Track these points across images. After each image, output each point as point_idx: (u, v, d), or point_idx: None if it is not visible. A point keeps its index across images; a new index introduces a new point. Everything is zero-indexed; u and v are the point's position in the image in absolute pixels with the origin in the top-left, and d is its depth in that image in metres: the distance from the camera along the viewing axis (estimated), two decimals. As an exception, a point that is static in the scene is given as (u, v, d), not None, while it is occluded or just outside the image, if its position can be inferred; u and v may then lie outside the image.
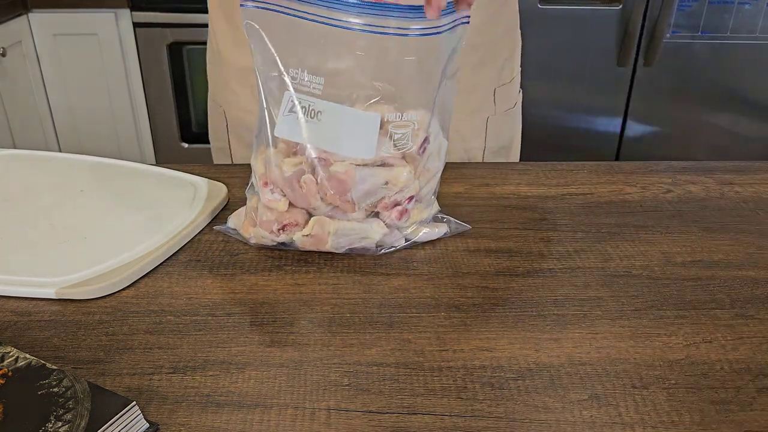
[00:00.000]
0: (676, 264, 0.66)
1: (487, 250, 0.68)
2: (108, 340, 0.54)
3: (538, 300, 0.60)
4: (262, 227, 0.64)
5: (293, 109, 0.60)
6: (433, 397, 0.48)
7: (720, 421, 0.47)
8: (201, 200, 0.74)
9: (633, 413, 0.47)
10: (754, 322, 0.57)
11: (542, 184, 0.83)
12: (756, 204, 0.78)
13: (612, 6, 1.78)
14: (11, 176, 0.80)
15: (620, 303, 0.59)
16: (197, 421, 0.46)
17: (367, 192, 0.61)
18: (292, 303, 0.59)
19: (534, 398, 0.48)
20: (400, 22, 0.56)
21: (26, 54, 2.06)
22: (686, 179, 0.84)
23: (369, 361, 0.52)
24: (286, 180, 0.62)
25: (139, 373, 0.51)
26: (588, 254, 0.67)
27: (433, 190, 0.68)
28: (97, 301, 0.59)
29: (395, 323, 0.56)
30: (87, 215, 0.71)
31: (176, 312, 0.58)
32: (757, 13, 1.80)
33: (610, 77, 1.88)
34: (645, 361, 0.52)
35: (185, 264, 0.65)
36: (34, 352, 0.52)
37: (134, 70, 2.16)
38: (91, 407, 0.42)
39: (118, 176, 0.81)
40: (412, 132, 0.61)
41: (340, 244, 0.64)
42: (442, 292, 0.61)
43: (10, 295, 0.60)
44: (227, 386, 0.49)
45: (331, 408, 0.47)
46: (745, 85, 1.91)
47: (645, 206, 0.77)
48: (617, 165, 0.88)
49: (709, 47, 1.84)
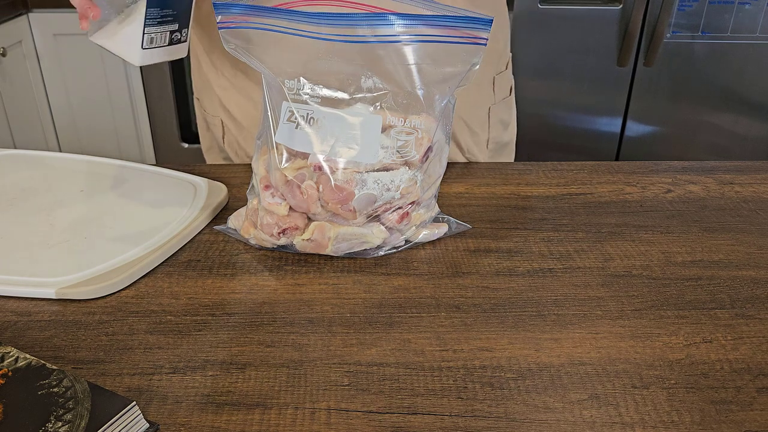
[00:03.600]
0: (676, 264, 0.66)
1: (487, 250, 0.68)
2: (108, 340, 0.54)
3: (538, 300, 0.60)
4: (262, 230, 0.64)
5: (292, 118, 0.60)
6: (433, 397, 0.48)
7: (720, 421, 0.47)
8: (201, 200, 0.74)
9: (633, 413, 0.47)
10: (754, 322, 0.57)
11: (542, 184, 0.83)
12: (756, 204, 0.78)
13: (612, 6, 1.78)
14: (11, 176, 0.81)
15: (620, 303, 0.59)
16: (197, 421, 0.46)
17: (369, 199, 0.61)
18: (292, 303, 0.59)
19: (534, 398, 0.48)
20: (366, 30, 0.56)
21: (26, 54, 2.06)
22: (686, 179, 0.84)
23: (369, 361, 0.52)
24: (286, 185, 0.61)
25: (139, 373, 0.51)
26: (588, 254, 0.67)
27: (434, 194, 0.68)
28: (97, 301, 0.59)
29: (395, 323, 0.56)
30: (87, 215, 0.71)
31: (176, 312, 0.58)
32: (757, 13, 1.80)
33: (610, 77, 1.88)
34: (645, 361, 0.52)
35: (185, 264, 0.65)
36: (34, 352, 0.52)
37: (134, 70, 2.16)
38: (91, 407, 0.42)
39: (118, 176, 0.81)
40: (416, 140, 0.61)
41: (340, 248, 0.64)
42: (442, 292, 0.61)
43: (10, 295, 0.60)
44: (227, 386, 0.49)
45: (331, 408, 0.47)
46: (745, 85, 1.90)
47: (645, 206, 0.77)
48: (617, 165, 0.88)
49: (709, 47, 1.84)
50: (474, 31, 0.57)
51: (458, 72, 0.60)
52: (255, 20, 0.59)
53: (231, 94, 0.87)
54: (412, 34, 0.57)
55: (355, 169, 0.60)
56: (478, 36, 0.58)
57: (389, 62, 0.58)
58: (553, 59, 1.86)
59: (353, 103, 0.60)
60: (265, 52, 0.60)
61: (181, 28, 0.70)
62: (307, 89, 0.60)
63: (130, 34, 0.66)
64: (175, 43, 0.70)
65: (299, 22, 0.57)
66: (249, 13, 0.59)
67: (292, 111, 0.60)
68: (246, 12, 0.59)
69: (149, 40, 0.67)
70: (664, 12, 1.74)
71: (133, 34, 0.66)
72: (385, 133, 0.60)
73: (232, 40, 0.61)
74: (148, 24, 0.66)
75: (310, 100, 0.60)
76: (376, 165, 0.60)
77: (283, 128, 0.61)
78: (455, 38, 0.57)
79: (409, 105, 0.60)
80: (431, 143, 0.62)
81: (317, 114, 0.60)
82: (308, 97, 0.60)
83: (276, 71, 0.60)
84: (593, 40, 1.83)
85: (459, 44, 0.58)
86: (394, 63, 0.58)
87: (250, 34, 0.60)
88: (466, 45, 0.58)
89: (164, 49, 0.69)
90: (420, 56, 0.58)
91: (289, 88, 0.60)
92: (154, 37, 0.67)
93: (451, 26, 0.57)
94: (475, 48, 0.58)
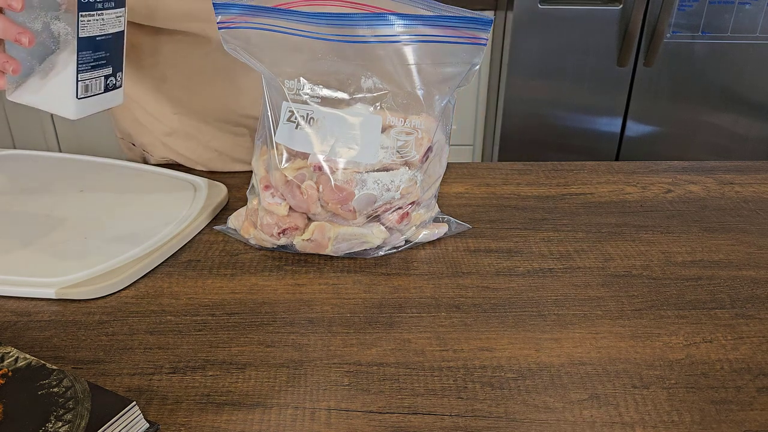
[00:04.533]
0: (676, 264, 0.66)
1: (487, 250, 0.68)
2: (108, 340, 0.54)
3: (538, 300, 0.60)
4: (262, 230, 0.64)
5: (292, 118, 0.60)
6: (433, 397, 0.48)
7: (720, 421, 0.47)
8: (201, 200, 0.74)
9: (633, 413, 0.47)
10: (754, 322, 0.57)
11: (542, 184, 0.83)
12: (756, 204, 0.78)
13: (612, 6, 1.78)
14: (11, 176, 0.80)
15: (620, 303, 0.59)
16: (197, 421, 0.46)
17: (369, 200, 0.61)
18: (292, 303, 0.59)
19: (534, 398, 0.48)
20: (366, 30, 0.56)
21: (26, 54, 2.06)
22: (686, 179, 0.84)
23: (369, 361, 0.52)
24: (286, 185, 0.61)
25: (139, 373, 0.51)
26: (588, 254, 0.67)
27: (434, 194, 0.68)
28: (97, 301, 0.59)
29: (395, 323, 0.56)
30: (87, 215, 0.71)
31: (176, 312, 0.58)
32: (757, 13, 1.80)
33: (610, 77, 1.88)
34: (645, 361, 0.52)
35: (185, 264, 0.65)
36: (34, 352, 0.52)
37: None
38: (91, 407, 0.42)
39: (118, 176, 0.81)
40: (416, 140, 0.61)
41: (340, 248, 0.64)
42: (442, 292, 0.61)
43: (10, 295, 0.60)
44: (227, 386, 0.49)
45: (331, 408, 0.47)
46: (745, 85, 1.90)
47: (645, 206, 0.77)
48: (617, 165, 0.88)
49: (709, 47, 1.84)
50: (474, 32, 0.57)
51: (458, 72, 0.60)
52: (255, 20, 0.59)
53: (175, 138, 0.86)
54: (411, 34, 0.57)
55: (355, 169, 0.60)
56: (478, 36, 0.58)
57: (389, 62, 0.58)
58: (553, 59, 1.85)
59: (353, 103, 0.60)
60: (264, 52, 0.60)
61: (115, 72, 0.62)
62: (307, 89, 0.60)
63: (61, 84, 0.58)
64: (111, 89, 0.62)
65: (299, 22, 0.57)
66: (249, 13, 0.59)
67: (292, 111, 0.60)
68: (246, 12, 0.59)
69: (84, 88, 0.59)
70: (664, 12, 1.74)
71: (64, 84, 0.58)
72: (385, 133, 0.60)
73: (232, 40, 0.61)
74: (81, 70, 0.58)
75: (310, 100, 0.60)
76: (376, 165, 0.60)
77: (283, 128, 0.61)
78: (455, 38, 0.57)
79: (409, 105, 0.60)
80: (431, 143, 0.62)
81: (317, 114, 0.60)
82: (308, 97, 0.60)
83: (276, 71, 0.60)
84: (593, 40, 1.82)
85: (459, 44, 0.58)
86: (394, 63, 0.58)
87: (250, 34, 0.60)
88: (466, 45, 0.58)
89: (100, 97, 0.61)
90: (420, 56, 0.58)
91: (289, 88, 0.60)
92: (89, 84, 0.59)
93: (451, 26, 0.57)
94: (475, 48, 0.58)
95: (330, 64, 0.59)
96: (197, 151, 0.86)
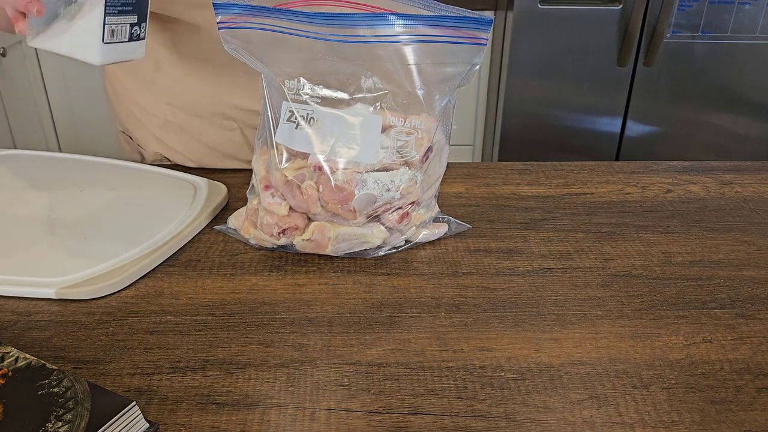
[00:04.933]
0: (676, 264, 0.66)
1: (487, 250, 0.68)
2: (108, 340, 0.54)
3: (538, 300, 0.60)
4: (262, 230, 0.64)
5: (292, 118, 0.60)
6: (433, 397, 0.48)
7: (720, 421, 0.47)
8: (201, 200, 0.74)
9: (633, 413, 0.47)
10: (754, 322, 0.57)
11: (542, 184, 0.83)
12: (756, 204, 0.78)
13: (612, 6, 1.78)
14: (11, 176, 0.80)
15: (620, 303, 0.59)
16: (197, 421, 0.46)
17: (369, 200, 0.61)
18: (292, 303, 0.59)
19: (534, 398, 0.48)
20: (366, 30, 0.56)
21: (26, 54, 2.06)
22: (686, 179, 0.84)
23: (369, 361, 0.52)
24: (286, 185, 0.61)
25: (139, 373, 0.51)
26: (588, 254, 0.67)
27: (434, 194, 0.68)
28: (97, 301, 0.59)
29: (395, 323, 0.56)
30: (87, 215, 0.71)
31: (176, 312, 0.58)
32: (757, 13, 1.80)
33: (610, 77, 1.88)
34: (645, 361, 0.52)
35: (185, 264, 0.65)
36: (34, 352, 0.52)
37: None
38: (91, 407, 0.42)
39: (118, 176, 0.81)
40: (416, 140, 0.61)
41: (340, 248, 0.64)
42: (442, 292, 0.61)
43: (10, 295, 0.60)
44: (227, 386, 0.49)
45: (331, 408, 0.47)
46: (745, 85, 1.90)
47: (645, 206, 0.77)
48: (617, 165, 0.88)
49: (709, 47, 1.84)
50: (474, 32, 0.57)
51: (458, 72, 0.60)
52: (255, 20, 0.59)
53: (168, 132, 0.87)
54: (412, 34, 0.57)
55: (355, 169, 0.60)
56: (478, 36, 0.58)
57: (389, 62, 0.58)
58: (553, 59, 1.85)
59: (353, 103, 0.60)
60: (265, 52, 0.60)
61: (140, 22, 0.60)
62: (307, 89, 0.60)
63: (87, 26, 0.56)
64: (134, 39, 0.60)
65: (299, 22, 0.57)
66: (249, 13, 0.59)
67: (292, 111, 0.60)
68: (246, 12, 0.59)
69: (110, 32, 0.57)
70: (664, 12, 1.74)
71: (90, 26, 0.56)
72: (385, 133, 0.60)
73: (232, 40, 0.61)
74: (108, 13, 0.56)
75: (310, 100, 0.60)
76: (376, 165, 0.60)
77: (283, 128, 0.61)
78: (455, 38, 0.57)
79: (409, 105, 0.60)
80: (431, 143, 0.62)
81: (317, 114, 0.60)
82: (308, 97, 0.60)
83: (276, 71, 0.60)
84: (593, 40, 1.82)
85: (459, 44, 0.58)
86: (394, 63, 0.58)
87: (250, 34, 0.60)
88: (466, 45, 0.58)
89: (125, 45, 0.59)
90: (420, 56, 0.58)
91: (289, 88, 0.60)
92: (116, 29, 0.57)
93: (451, 26, 0.57)
94: (475, 48, 0.58)
95: (330, 64, 0.59)
96: (189, 145, 0.87)
